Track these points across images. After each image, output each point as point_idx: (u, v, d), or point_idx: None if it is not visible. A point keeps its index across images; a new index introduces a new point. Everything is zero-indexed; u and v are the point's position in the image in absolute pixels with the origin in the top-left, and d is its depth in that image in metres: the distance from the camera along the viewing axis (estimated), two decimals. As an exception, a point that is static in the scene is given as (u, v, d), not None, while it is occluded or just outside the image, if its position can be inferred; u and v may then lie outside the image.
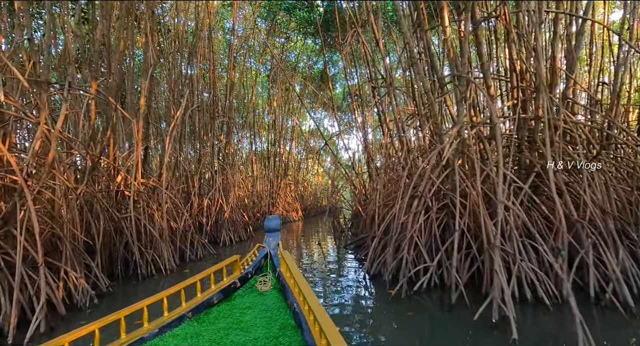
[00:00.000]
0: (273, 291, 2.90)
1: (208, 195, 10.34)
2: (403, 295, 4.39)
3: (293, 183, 19.47)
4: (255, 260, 3.33)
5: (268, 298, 2.78)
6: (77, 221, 4.94)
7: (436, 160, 5.20)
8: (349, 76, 13.31)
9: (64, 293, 4.51)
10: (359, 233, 10.36)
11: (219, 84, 13.65)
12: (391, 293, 4.69)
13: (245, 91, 17.82)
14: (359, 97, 12.68)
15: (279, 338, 2.08)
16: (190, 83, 11.26)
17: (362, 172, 12.55)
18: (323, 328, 1.54)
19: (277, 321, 2.30)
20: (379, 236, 5.67)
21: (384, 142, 10.79)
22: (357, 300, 4.46)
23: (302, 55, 19.38)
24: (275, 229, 3.52)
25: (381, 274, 5.36)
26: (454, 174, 4.71)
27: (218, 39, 17.35)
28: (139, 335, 2.11)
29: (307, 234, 12.19)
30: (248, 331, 2.20)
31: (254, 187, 16.13)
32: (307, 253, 8.12)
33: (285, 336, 2.09)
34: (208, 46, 11.51)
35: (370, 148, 11.82)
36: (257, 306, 2.63)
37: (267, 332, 2.16)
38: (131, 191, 6.30)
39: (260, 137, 18.53)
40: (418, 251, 5.12)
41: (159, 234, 6.74)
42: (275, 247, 3.39)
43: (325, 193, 23.54)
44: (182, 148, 10.28)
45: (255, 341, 2.06)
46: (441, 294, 4.54)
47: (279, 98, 18.38)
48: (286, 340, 2.04)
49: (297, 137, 20.89)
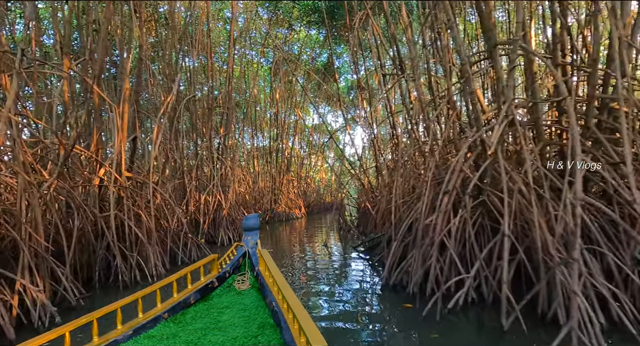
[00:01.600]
0: (251, 291, 2.82)
1: (206, 192, 9.44)
2: (437, 316, 3.47)
3: (296, 179, 18.55)
4: (233, 259, 3.22)
5: (246, 297, 2.70)
6: (39, 221, 4.03)
7: (470, 149, 4.27)
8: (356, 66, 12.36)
9: (20, 311, 3.62)
10: (367, 233, 9.45)
11: (219, 77, 12.72)
12: (408, 307, 3.79)
13: (246, 85, 16.87)
14: (366, 89, 11.71)
15: (257, 337, 2.03)
16: (186, 71, 10.35)
17: (369, 167, 11.61)
18: (302, 326, 1.53)
19: (255, 320, 2.25)
20: (399, 239, 4.75)
21: (393, 134, 9.87)
22: (376, 319, 3.55)
23: (306, 48, 18.41)
24: (253, 228, 3.42)
25: (403, 284, 4.45)
26: (497, 166, 3.78)
27: (218, 29, 16.40)
28: (113, 337, 2.01)
29: (311, 232, 11.28)
30: (226, 330, 2.15)
31: (255, 184, 15.23)
32: (311, 255, 7.21)
33: (264, 335, 2.04)
34: (206, 34, 10.57)
35: (378, 143, 10.89)
36: (235, 305, 2.56)
37: (246, 331, 2.11)
38: (113, 187, 5.39)
39: (262, 132, 17.60)
40: (447, 257, 4.21)
41: (146, 235, 5.84)
42: (253, 246, 3.28)
43: (328, 189, 22.63)
44: (179, 141, 9.38)
45: (233, 340, 2.01)
46: (479, 312, 3.62)
47: (281, 91, 17.42)
48: (265, 339, 2.00)
49: (300, 132, 19.95)
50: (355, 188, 13.22)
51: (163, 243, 6.52)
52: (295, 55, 17.39)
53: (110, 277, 5.33)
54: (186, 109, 10.48)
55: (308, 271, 5.75)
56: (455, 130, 4.49)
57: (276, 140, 16.94)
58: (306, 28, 16.87)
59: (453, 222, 4.07)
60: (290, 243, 9.07)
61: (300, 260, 6.75)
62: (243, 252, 3.28)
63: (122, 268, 5.16)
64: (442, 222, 4.09)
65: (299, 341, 1.67)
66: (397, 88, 13.83)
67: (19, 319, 3.66)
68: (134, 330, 2.13)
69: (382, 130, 14.74)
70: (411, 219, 4.78)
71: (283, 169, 16.77)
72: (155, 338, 2.09)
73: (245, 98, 16.39)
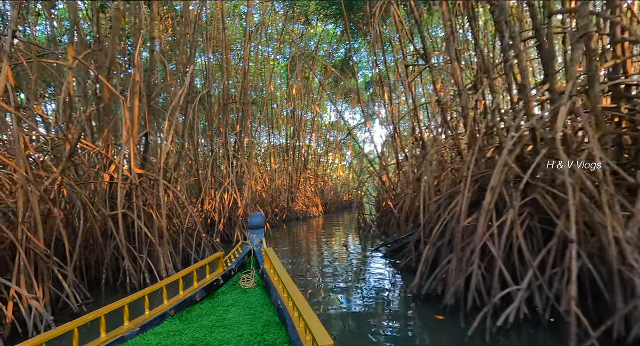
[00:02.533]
0: (257, 289, 2.81)
1: (221, 190, 9.06)
2: (487, 336, 2.90)
3: (313, 177, 18.08)
4: (239, 258, 3.19)
5: (252, 295, 2.69)
6: (38, 221, 3.67)
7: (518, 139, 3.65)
8: (374, 60, 11.77)
9: (14, 320, 3.26)
10: (389, 233, 8.87)
11: (235, 75, 12.34)
12: (440, 318, 3.22)
13: (263, 82, 16.48)
14: (386, 84, 11.08)
15: (263, 335, 2.00)
16: (202, 69, 10.00)
17: (389, 164, 11.00)
18: (308, 324, 1.50)
19: (261, 319, 2.24)
20: (433, 242, 4.18)
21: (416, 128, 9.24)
22: (409, 336, 3.01)
23: (323, 44, 17.88)
24: (259, 226, 3.41)
25: (437, 294, 3.88)
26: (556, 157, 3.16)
27: (234, 26, 16.08)
28: (120, 334, 2.01)
29: (329, 232, 10.77)
30: (232, 328, 2.13)
31: (272, 182, 14.83)
32: (330, 257, 6.70)
33: (270, 333, 2.01)
34: (221, 30, 10.18)
35: (400, 139, 10.27)
36: (241, 303, 2.55)
37: (252, 329, 2.09)
38: (122, 184, 5.03)
39: (279, 129, 17.19)
40: (490, 264, 3.62)
41: (157, 235, 5.46)
42: (259, 244, 3.27)
43: (346, 188, 22.06)
44: (194, 138, 9.03)
45: (239, 338, 1.98)
46: (534, 333, 3.03)
47: (298, 88, 16.95)
48: (271, 337, 1.96)
49: (317, 129, 19.46)
50: (375, 186, 12.63)
51: (175, 244, 6.15)
52: (312, 52, 16.88)
53: (118, 279, 4.97)
54: (202, 106, 10.15)
55: (326, 276, 5.24)
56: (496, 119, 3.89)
57: (293, 137, 16.50)
58: (323, 23, 16.36)
59: (498, 223, 3.48)
60: (308, 243, 8.59)
61: (318, 262, 6.25)
62: (248, 251, 3.24)
63: (130, 270, 4.79)
64: (485, 223, 3.50)
65: (305, 339, 1.65)
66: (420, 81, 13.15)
67: (14, 328, 3.30)
68: (141, 326, 2.11)
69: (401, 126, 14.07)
70: (445, 220, 4.20)
71: (300, 167, 16.32)
72: (162, 335, 2.07)
73: (262, 96, 16.00)
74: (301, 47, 14.39)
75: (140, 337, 2.05)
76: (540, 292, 3.26)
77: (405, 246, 6.35)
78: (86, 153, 5.87)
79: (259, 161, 15.27)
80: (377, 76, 11.18)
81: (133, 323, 2.15)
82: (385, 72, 11.11)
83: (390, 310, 3.72)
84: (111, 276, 4.96)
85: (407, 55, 9.35)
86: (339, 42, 17.48)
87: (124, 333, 2.01)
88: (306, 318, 1.56)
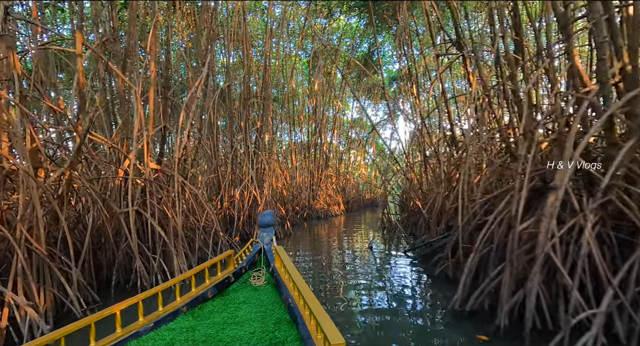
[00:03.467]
0: (267, 287, 2.81)
1: (240, 186, 8.69)
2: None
3: (334, 175, 17.55)
4: (249, 255, 3.21)
5: (262, 293, 2.67)
6: (39, 218, 3.34)
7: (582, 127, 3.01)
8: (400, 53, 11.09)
9: (9, 327, 2.93)
10: (417, 234, 8.24)
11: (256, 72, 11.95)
12: (484, 339, 2.64)
13: (284, 79, 16.05)
14: (413, 77, 10.39)
15: (274, 332, 1.98)
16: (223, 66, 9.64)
17: (415, 162, 10.32)
18: (320, 323, 1.48)
19: (272, 316, 2.22)
20: (478, 249, 3.58)
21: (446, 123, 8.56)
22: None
23: (345, 38, 17.28)
24: (269, 224, 3.41)
25: (483, 310, 3.29)
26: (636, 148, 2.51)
27: (255, 21, 15.75)
28: (135, 329, 2.04)
29: (351, 231, 10.23)
30: (243, 325, 2.12)
31: (293, 179, 14.40)
32: (354, 260, 6.17)
33: (281, 331, 1.99)
34: (242, 24, 9.79)
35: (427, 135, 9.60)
36: (252, 301, 2.53)
37: (263, 327, 2.07)
38: (134, 180, 4.69)
39: (300, 126, 16.74)
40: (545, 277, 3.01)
41: (172, 233, 5.11)
42: (269, 243, 3.27)
43: (368, 186, 21.40)
44: (214, 132, 8.71)
45: (251, 335, 1.97)
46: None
47: (320, 84, 16.44)
48: (282, 335, 1.95)
49: (338, 126, 18.89)
50: (399, 184, 11.97)
51: (192, 243, 5.79)
52: (334, 46, 16.30)
53: (130, 280, 4.64)
54: (222, 102, 9.81)
55: (349, 282, 4.71)
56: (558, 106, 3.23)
57: (314, 134, 16.01)
58: (346, 16, 15.77)
59: (565, 229, 2.86)
60: (329, 244, 8.09)
61: (340, 265, 5.73)
62: (259, 249, 3.23)
63: (142, 271, 4.44)
64: (548, 229, 2.88)
65: (316, 337, 1.63)
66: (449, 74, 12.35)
67: (9, 335, 2.97)
68: (155, 322, 2.13)
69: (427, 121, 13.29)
70: (492, 223, 3.59)
71: (321, 164, 15.82)
72: (175, 330, 2.08)
73: (283, 92, 15.59)
74: (323, 40, 13.85)
75: (154, 333, 2.05)
76: (621, 314, 2.62)
77: (437, 250, 5.74)
78: (101, 148, 5.58)
79: (279, 158, 14.89)
80: (405, 68, 10.50)
81: (147, 318, 2.17)
82: (412, 65, 10.42)
83: (426, 326, 3.16)
84: (122, 277, 4.63)
85: (436, 46, 8.65)
86: (362, 36, 16.85)
87: (139, 329, 2.04)
88: (317, 317, 1.54)
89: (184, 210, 5.85)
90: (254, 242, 3.41)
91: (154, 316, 2.22)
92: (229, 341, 1.92)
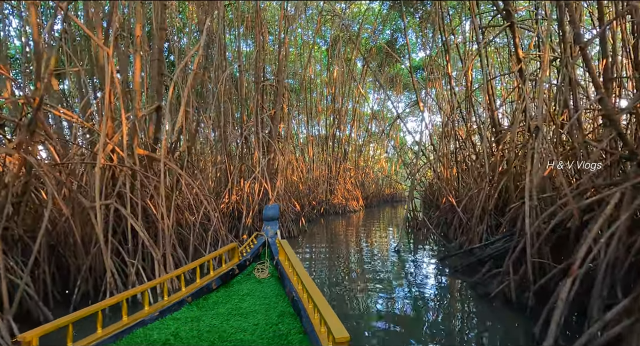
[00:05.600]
0: (271, 279, 2.76)
1: (250, 178, 7.64)
2: None
3: (353, 168, 16.32)
4: (253, 248, 3.14)
5: (266, 285, 2.64)
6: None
7: None
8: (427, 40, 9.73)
9: None
10: (450, 237, 6.98)
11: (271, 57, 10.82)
12: None
13: (302, 68, 14.86)
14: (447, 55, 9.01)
15: (278, 324, 1.94)
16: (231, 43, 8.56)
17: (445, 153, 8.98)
18: (324, 316, 1.43)
19: (275, 309, 2.18)
20: (574, 273, 2.34)
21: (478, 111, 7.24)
22: None
23: (366, 25, 15.89)
24: (273, 218, 3.36)
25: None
26: None
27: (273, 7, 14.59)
28: (140, 317, 1.99)
29: (372, 229, 9.03)
30: (247, 317, 2.08)
31: (310, 172, 13.27)
32: (376, 267, 4.99)
33: (284, 323, 1.95)
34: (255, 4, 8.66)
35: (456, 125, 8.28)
36: (256, 293, 2.50)
37: (267, 319, 2.04)
38: (104, 166, 3.67)
39: (318, 118, 15.56)
40: None
41: (161, 233, 4.08)
42: (273, 236, 3.23)
43: (388, 180, 20.06)
44: (221, 118, 7.68)
45: (255, 327, 1.94)
46: None
47: (339, 72, 15.18)
48: (285, 327, 1.90)
49: (358, 119, 17.60)
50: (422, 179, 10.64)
51: (186, 242, 4.77)
52: (355, 33, 14.96)
53: (102, 291, 3.62)
54: (235, 89, 8.76)
55: (375, 304, 3.55)
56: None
57: (332, 125, 14.81)
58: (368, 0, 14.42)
59: None
60: (348, 245, 6.94)
61: (361, 273, 4.58)
62: (263, 242, 3.20)
63: (112, 281, 3.42)
64: None
65: (320, 330, 1.60)
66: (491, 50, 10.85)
67: None
68: (160, 311, 2.09)
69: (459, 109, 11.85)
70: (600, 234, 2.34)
71: (340, 157, 14.62)
72: (180, 320, 2.04)
73: (300, 79, 14.40)
74: (343, 23, 12.56)
75: (159, 321, 2.01)
76: None
77: (484, 260, 4.50)
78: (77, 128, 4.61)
79: (296, 150, 13.77)
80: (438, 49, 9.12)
81: (153, 307, 2.12)
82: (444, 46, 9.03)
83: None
84: (92, 286, 3.63)
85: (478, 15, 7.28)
86: (384, 21, 15.45)
87: (144, 317, 1.99)
88: (321, 310, 1.48)
89: (179, 205, 4.83)
90: (258, 234, 3.37)
91: (159, 305, 2.17)
92: (233, 332, 1.88)
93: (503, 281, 3.52)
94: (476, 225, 5.54)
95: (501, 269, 3.63)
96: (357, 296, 3.73)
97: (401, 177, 23.48)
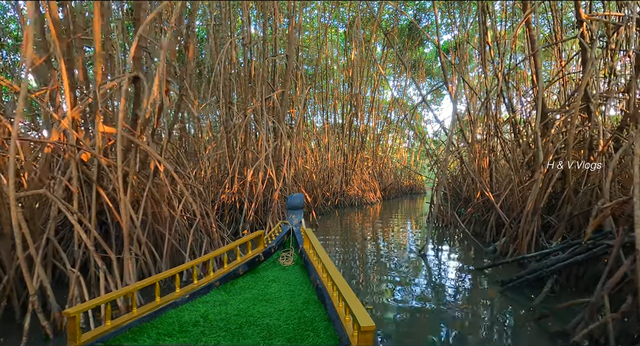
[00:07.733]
0: (295, 267, 2.78)
1: (253, 167, 6.60)
2: None
3: (370, 158, 15.06)
4: (278, 236, 3.16)
5: (290, 273, 2.66)
6: None
7: None
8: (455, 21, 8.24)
9: None
10: (486, 237, 5.73)
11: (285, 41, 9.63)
12: None
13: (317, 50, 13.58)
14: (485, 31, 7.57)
15: (303, 311, 1.94)
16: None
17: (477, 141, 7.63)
18: (349, 305, 1.42)
19: (300, 296, 2.17)
20: None
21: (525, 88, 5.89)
22: None
23: (386, 5, 14.37)
24: (298, 207, 3.35)
25: None
26: None
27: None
28: (172, 299, 2.03)
29: (390, 225, 7.83)
30: (273, 302, 2.08)
31: (324, 161, 12.13)
32: (396, 280, 3.84)
33: (309, 310, 1.94)
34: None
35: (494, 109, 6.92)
36: (281, 280, 2.50)
37: (292, 305, 2.03)
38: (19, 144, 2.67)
39: (335, 105, 14.30)
40: None
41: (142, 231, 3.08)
42: (297, 224, 3.25)
43: (407, 171, 18.67)
44: (220, 97, 6.64)
45: (280, 312, 1.93)
46: None
47: (357, 58, 13.80)
48: (310, 314, 1.89)
49: (376, 107, 16.22)
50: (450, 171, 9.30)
51: (159, 244, 3.77)
52: (374, 13, 13.48)
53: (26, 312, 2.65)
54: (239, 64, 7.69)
55: (394, 328, 2.42)
56: None
57: (350, 113, 13.55)
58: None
59: None
60: (363, 243, 5.81)
61: (379, 282, 3.44)
62: (288, 230, 3.20)
63: (35, 301, 2.44)
64: None
65: (345, 319, 1.58)
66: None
67: None
68: (190, 294, 2.11)
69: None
70: None
71: (357, 146, 13.40)
72: (209, 303, 2.06)
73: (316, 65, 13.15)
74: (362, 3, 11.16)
75: (189, 304, 2.02)
76: None
77: (544, 276, 3.27)
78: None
79: (311, 139, 12.62)
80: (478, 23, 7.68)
81: (183, 290, 2.14)
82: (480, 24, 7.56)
83: None
84: (18, 304, 2.68)
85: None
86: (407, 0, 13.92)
87: (176, 299, 2.01)
88: (347, 299, 1.47)
89: (154, 197, 3.82)
90: (283, 223, 3.35)
91: (189, 288, 2.18)
92: (259, 317, 1.86)
93: (592, 316, 2.32)
94: (525, 226, 4.29)
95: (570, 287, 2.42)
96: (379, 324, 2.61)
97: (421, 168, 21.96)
